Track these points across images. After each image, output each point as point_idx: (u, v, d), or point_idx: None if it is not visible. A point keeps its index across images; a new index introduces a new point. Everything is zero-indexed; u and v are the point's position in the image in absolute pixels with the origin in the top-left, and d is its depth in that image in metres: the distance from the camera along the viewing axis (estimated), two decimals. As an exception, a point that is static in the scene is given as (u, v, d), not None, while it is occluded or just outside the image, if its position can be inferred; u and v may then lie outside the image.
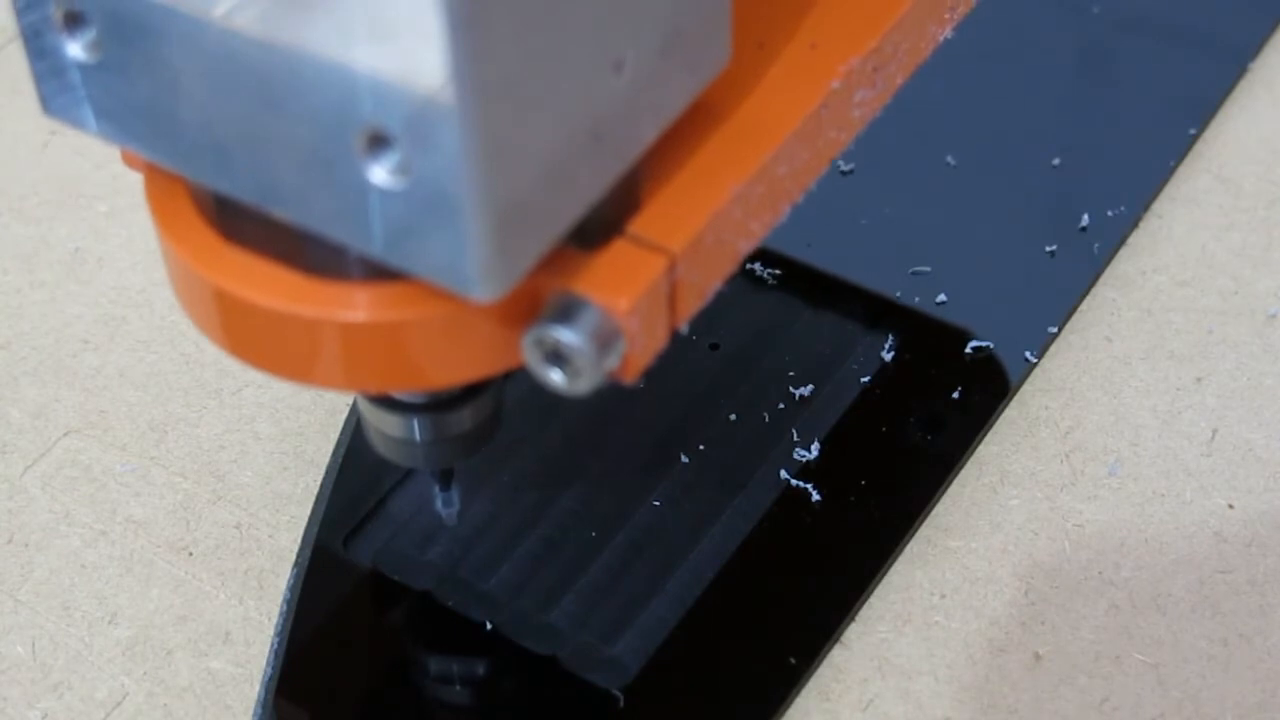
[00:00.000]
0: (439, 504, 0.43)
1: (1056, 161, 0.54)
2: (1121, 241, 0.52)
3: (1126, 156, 0.54)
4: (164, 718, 0.43)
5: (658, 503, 0.46)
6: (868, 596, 0.44)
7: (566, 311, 0.31)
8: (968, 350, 0.49)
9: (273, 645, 0.44)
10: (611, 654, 0.43)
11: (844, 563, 0.45)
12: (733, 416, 0.48)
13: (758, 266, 0.51)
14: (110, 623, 0.45)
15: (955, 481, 0.47)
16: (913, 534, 0.46)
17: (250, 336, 0.33)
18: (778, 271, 0.51)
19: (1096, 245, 0.52)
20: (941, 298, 0.50)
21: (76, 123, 0.34)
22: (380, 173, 0.29)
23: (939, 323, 0.50)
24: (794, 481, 0.46)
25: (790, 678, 0.43)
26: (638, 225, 0.32)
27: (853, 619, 0.44)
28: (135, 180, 0.57)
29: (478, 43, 0.27)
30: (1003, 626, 0.44)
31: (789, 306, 0.50)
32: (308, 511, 0.47)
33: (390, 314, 0.31)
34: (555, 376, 0.31)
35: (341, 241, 0.31)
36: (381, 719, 0.43)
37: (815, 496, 0.46)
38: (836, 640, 0.44)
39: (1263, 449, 0.47)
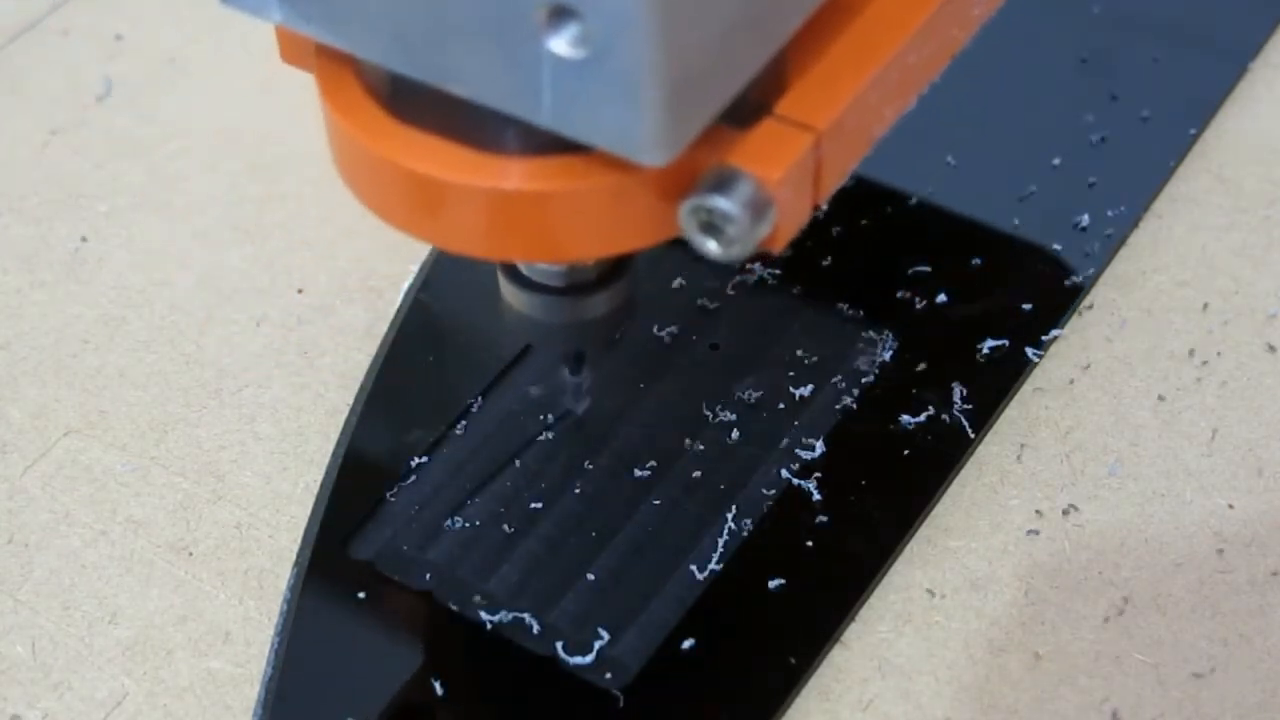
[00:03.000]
0: (570, 392, 0.46)
1: (1056, 161, 0.54)
2: (1121, 241, 0.52)
3: (1126, 156, 0.54)
4: (164, 718, 0.43)
5: (658, 502, 0.46)
6: (868, 596, 0.44)
7: (722, 182, 0.34)
8: (968, 350, 0.49)
9: (273, 645, 0.44)
10: (611, 654, 0.43)
11: (844, 563, 0.45)
12: (733, 416, 0.48)
13: (757, 266, 0.51)
14: (110, 623, 0.45)
15: (955, 481, 0.47)
16: (913, 534, 0.46)
17: (424, 210, 0.36)
18: (778, 271, 0.51)
19: (1096, 245, 0.52)
20: (942, 298, 0.50)
21: (255, 10, 0.36)
22: (561, 44, 0.31)
23: (939, 323, 0.50)
24: (795, 481, 0.46)
25: (790, 678, 0.43)
26: (784, 106, 0.35)
27: (853, 619, 0.44)
28: (135, 180, 0.57)
29: None
30: (1003, 626, 0.44)
31: (789, 306, 0.50)
32: (308, 511, 0.47)
33: (561, 184, 0.34)
34: (710, 245, 0.34)
35: (514, 114, 0.33)
36: (381, 719, 0.43)
37: (816, 496, 0.46)
38: (836, 640, 0.44)
39: (1263, 449, 0.47)
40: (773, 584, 0.44)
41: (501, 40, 0.32)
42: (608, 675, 0.43)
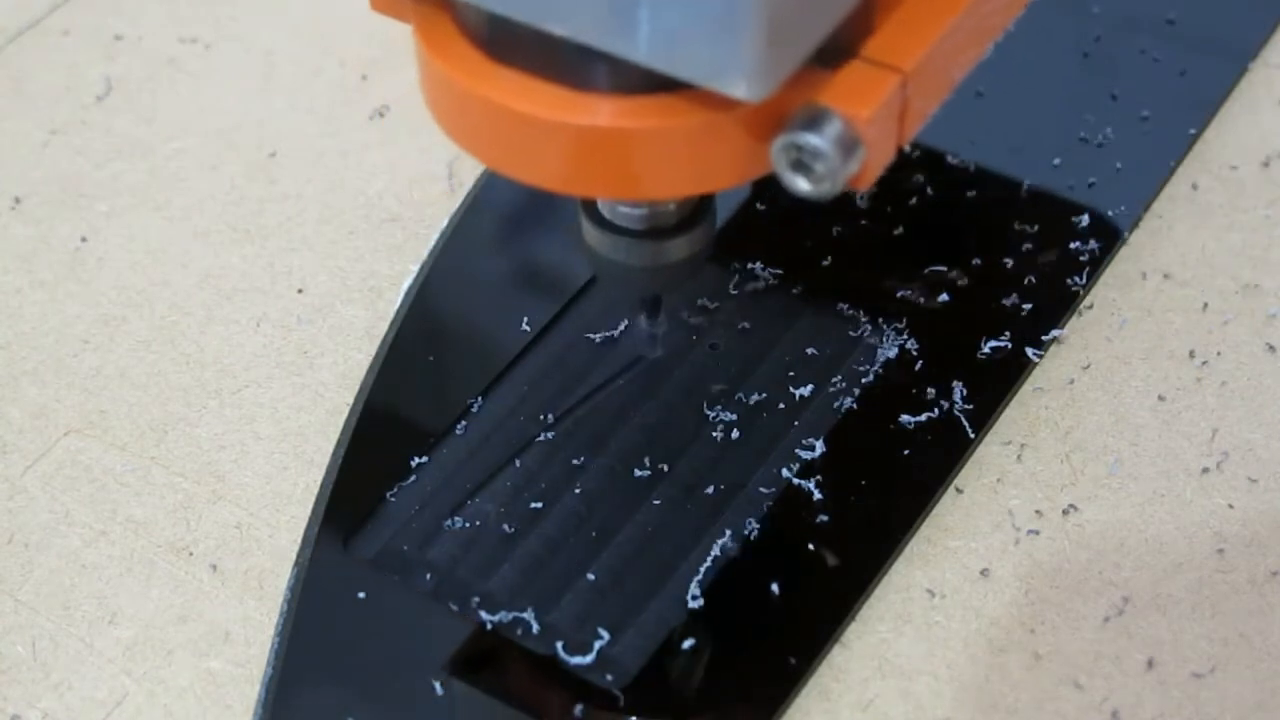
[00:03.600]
0: (644, 339, 0.48)
1: (1057, 161, 0.54)
2: (1122, 241, 0.52)
3: (1126, 156, 0.54)
4: (164, 718, 0.43)
5: (658, 502, 0.46)
6: (868, 596, 0.44)
7: (813, 120, 0.35)
8: (968, 350, 0.49)
9: (273, 645, 0.44)
10: (611, 654, 0.43)
11: (844, 563, 0.45)
12: (733, 416, 0.48)
13: (758, 267, 0.51)
14: (110, 623, 0.45)
15: (955, 481, 0.47)
16: (913, 534, 0.46)
17: (521, 149, 0.37)
18: (779, 271, 0.51)
19: (1096, 245, 0.52)
20: (943, 297, 0.50)
21: None
22: None
23: (940, 322, 0.50)
24: (795, 481, 0.46)
25: (790, 678, 0.43)
26: (870, 49, 0.36)
27: (853, 619, 0.44)
28: (135, 180, 0.57)
29: None
30: (1003, 626, 0.44)
31: (789, 306, 0.50)
32: (308, 511, 0.47)
33: (658, 121, 0.35)
34: (800, 183, 0.35)
35: (612, 51, 0.34)
36: (381, 719, 0.43)
37: (816, 496, 0.46)
38: (836, 640, 0.44)
39: (1263, 449, 0.47)
40: (773, 584, 0.44)
41: None
42: (608, 675, 0.43)
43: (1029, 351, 0.49)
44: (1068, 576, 0.45)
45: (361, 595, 0.45)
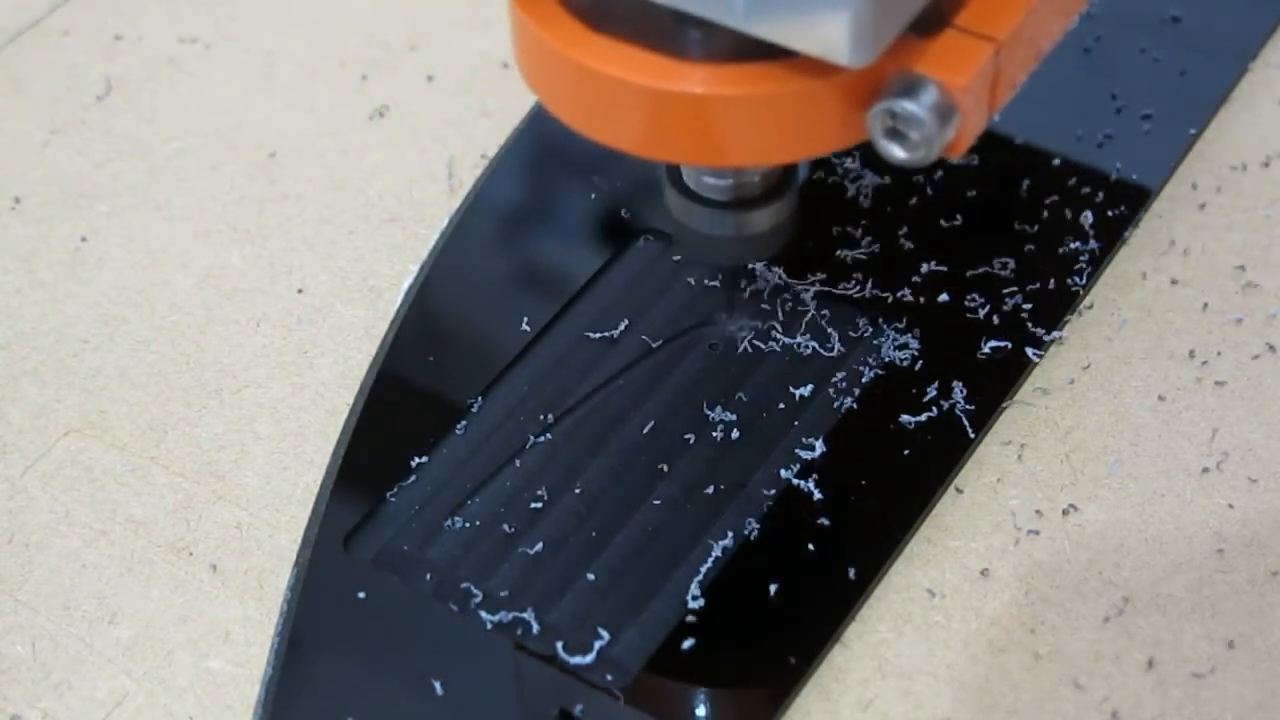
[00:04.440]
0: (723, 312, 0.49)
1: (1056, 162, 0.54)
2: (1122, 241, 0.52)
3: (1126, 156, 0.54)
4: (164, 718, 0.43)
5: (658, 502, 0.46)
6: (868, 597, 0.44)
7: (910, 88, 0.36)
8: (968, 350, 0.49)
9: (273, 645, 0.44)
10: (611, 654, 0.43)
11: (844, 563, 0.45)
12: (733, 416, 0.48)
13: (759, 267, 0.51)
14: (110, 623, 0.45)
15: (955, 481, 0.47)
16: (913, 534, 0.46)
17: (621, 116, 0.38)
18: (780, 270, 0.51)
19: (1097, 244, 0.52)
20: (943, 297, 0.50)
21: None
22: None
23: (940, 322, 0.50)
24: (795, 481, 0.46)
25: (790, 678, 0.43)
26: (964, 18, 0.37)
27: (853, 619, 0.44)
28: (135, 180, 0.57)
29: None
30: (1003, 626, 0.44)
31: (789, 306, 0.50)
32: (308, 511, 0.47)
33: (757, 88, 0.36)
34: (896, 150, 0.36)
35: (713, 18, 0.35)
36: (381, 719, 0.43)
37: (816, 496, 0.46)
38: (836, 640, 0.44)
39: (1263, 449, 0.47)
40: (773, 584, 0.44)
41: None
42: (608, 675, 0.43)
43: (1029, 351, 0.49)
44: (1068, 576, 0.45)
45: (361, 595, 0.45)
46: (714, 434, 0.48)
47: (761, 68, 0.36)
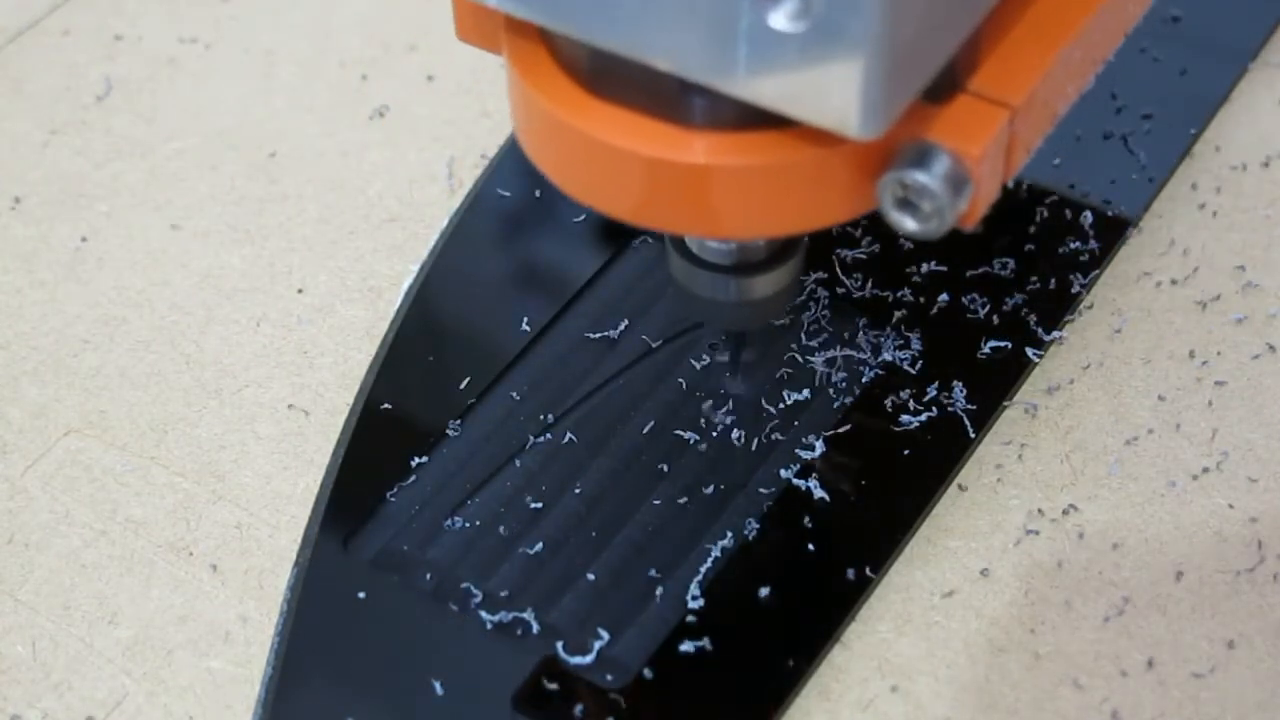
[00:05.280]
0: (728, 374, 0.48)
1: (1057, 161, 0.54)
2: (1122, 241, 0.52)
3: (1126, 156, 0.54)
4: (164, 718, 0.43)
5: (658, 502, 0.46)
6: (868, 597, 0.44)
7: (921, 157, 0.34)
8: (968, 350, 0.49)
9: (273, 645, 0.44)
10: (611, 654, 0.43)
11: (844, 563, 0.45)
12: (733, 416, 0.48)
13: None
14: (110, 623, 0.45)
15: (955, 481, 0.47)
16: (913, 534, 0.46)
17: (620, 187, 0.36)
18: (778, 271, 0.51)
19: (1097, 244, 0.52)
20: (943, 298, 0.50)
21: None
22: (779, 18, 0.31)
23: (940, 323, 0.50)
24: (794, 481, 0.46)
25: (790, 678, 0.43)
26: (977, 83, 0.35)
27: (853, 619, 0.44)
28: (135, 180, 0.57)
29: None
30: (1003, 626, 0.44)
31: (789, 306, 0.50)
32: (308, 511, 0.47)
33: (762, 158, 0.35)
34: (908, 222, 0.35)
35: (718, 88, 0.33)
36: (381, 719, 0.43)
37: (816, 496, 0.46)
38: (836, 640, 0.44)
39: (1263, 449, 0.47)
40: (772, 584, 0.44)
41: (713, 12, 0.32)
42: (608, 675, 0.43)
43: (1029, 351, 0.49)
44: (1068, 576, 0.45)
45: (361, 595, 0.45)
46: (714, 434, 0.48)
47: (766, 136, 0.35)
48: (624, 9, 0.33)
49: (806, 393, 0.48)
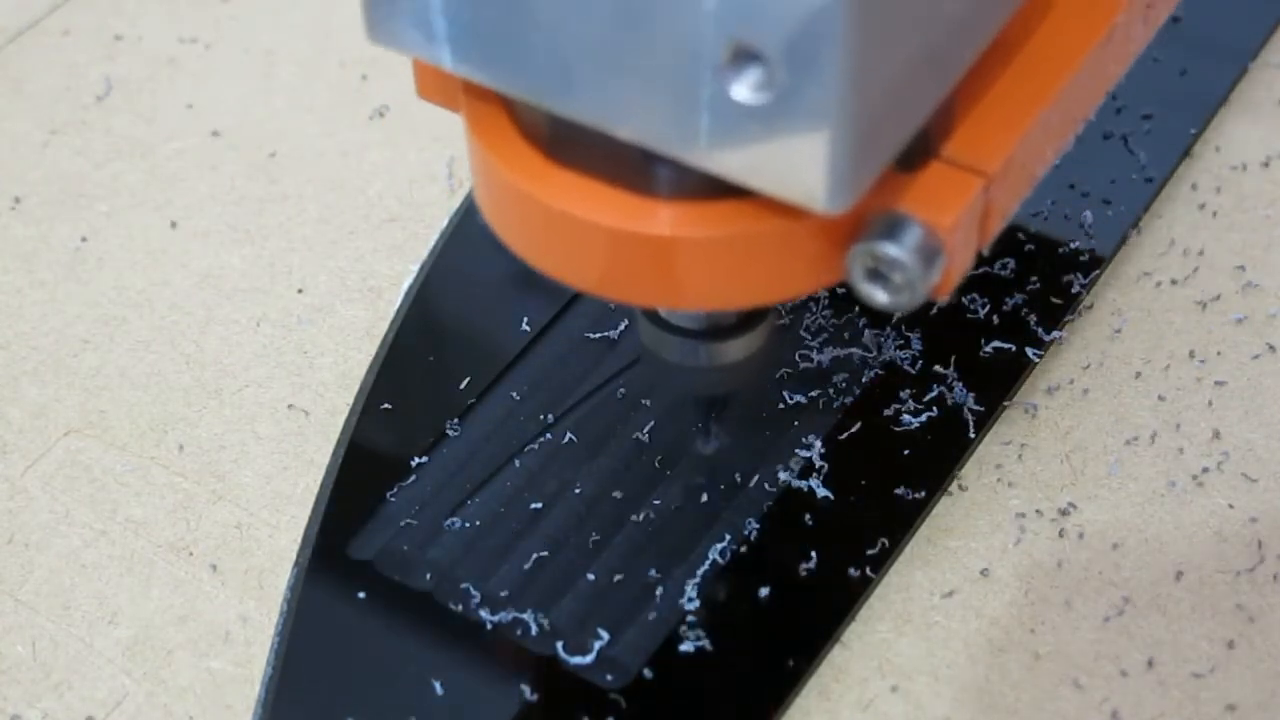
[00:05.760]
0: (699, 438, 0.46)
1: (1057, 161, 0.54)
2: (1122, 241, 0.52)
3: (1127, 156, 0.54)
4: (164, 718, 0.43)
5: (658, 502, 0.46)
6: (868, 597, 0.44)
7: (892, 229, 0.33)
8: (968, 350, 0.49)
9: (273, 645, 0.44)
10: (611, 654, 0.43)
11: (844, 563, 0.45)
12: (733, 416, 0.48)
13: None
14: (110, 623, 0.45)
15: (955, 481, 0.47)
16: (913, 534, 0.46)
17: (580, 257, 0.35)
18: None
19: (1096, 245, 0.52)
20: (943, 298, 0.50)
21: (407, 47, 0.34)
22: (742, 90, 0.30)
23: (940, 323, 0.50)
24: (795, 481, 0.46)
25: (790, 678, 0.43)
26: (951, 149, 0.34)
27: (853, 619, 0.44)
28: (135, 180, 0.57)
29: None
30: (1003, 626, 0.44)
31: (789, 307, 0.50)
32: (308, 511, 0.47)
33: (725, 229, 0.33)
34: (878, 294, 0.33)
35: (680, 158, 0.32)
36: (381, 719, 0.43)
37: (816, 496, 0.46)
38: (836, 640, 0.44)
39: (1263, 449, 0.47)
40: (772, 585, 0.44)
41: (675, 82, 0.31)
42: (608, 675, 0.43)
43: (1029, 351, 0.49)
44: (1068, 576, 0.45)
45: (361, 595, 0.45)
46: (714, 434, 0.48)
47: (731, 206, 0.33)
48: (583, 76, 0.32)
49: (807, 392, 0.48)
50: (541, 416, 0.48)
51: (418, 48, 0.34)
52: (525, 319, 0.51)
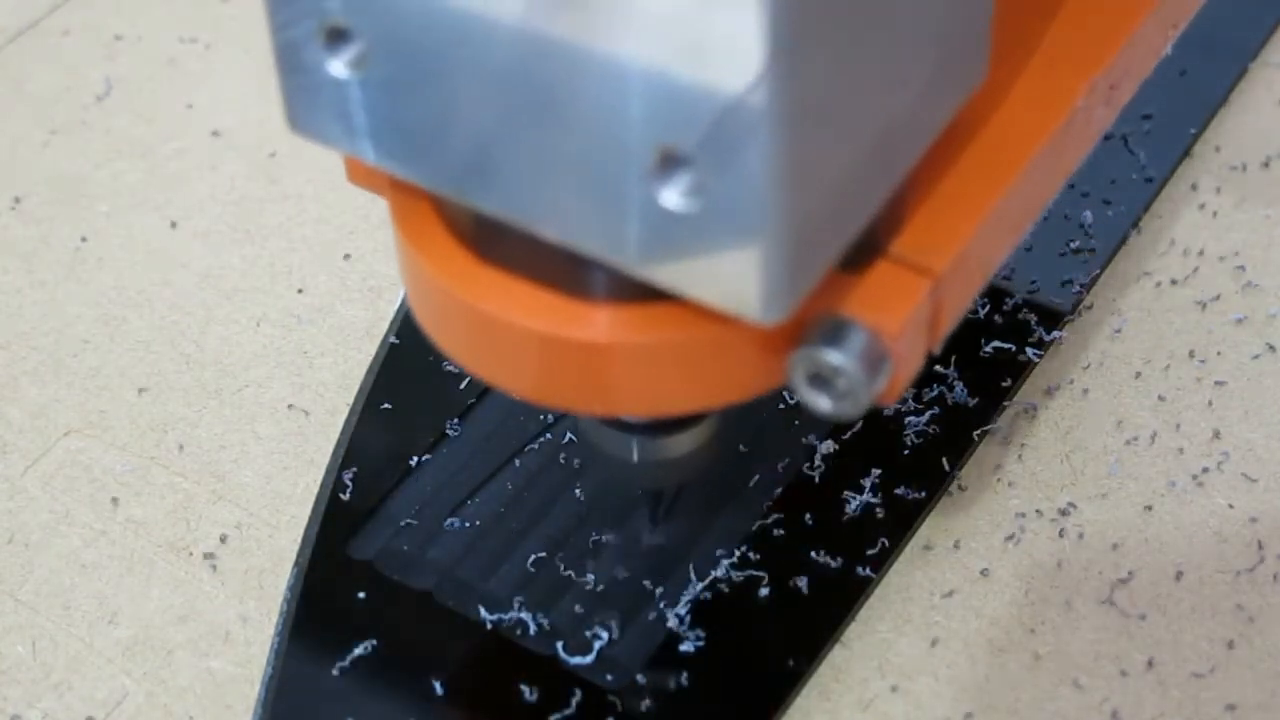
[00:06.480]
0: (646, 529, 0.44)
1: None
2: (1122, 241, 0.52)
3: (1127, 156, 0.54)
4: (164, 718, 0.43)
5: (658, 502, 0.46)
6: (868, 597, 0.44)
7: (834, 334, 0.31)
8: (969, 350, 0.49)
9: (273, 645, 0.44)
10: (611, 654, 0.43)
11: (844, 563, 0.45)
12: (733, 416, 0.48)
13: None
14: (110, 623, 0.45)
15: (955, 481, 0.47)
16: (913, 534, 0.46)
17: (505, 359, 0.33)
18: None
19: (1097, 245, 0.52)
20: (941, 298, 0.50)
21: (328, 140, 0.33)
22: (671, 196, 0.28)
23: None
24: (794, 481, 0.46)
25: (790, 678, 0.43)
26: (899, 245, 0.32)
27: (853, 619, 0.44)
28: (135, 180, 0.57)
29: (795, 59, 0.26)
30: (1003, 626, 0.44)
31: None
32: (308, 511, 0.47)
33: (657, 335, 0.31)
34: (821, 401, 0.31)
35: (608, 262, 0.30)
36: (381, 719, 0.43)
37: (815, 495, 0.46)
38: (836, 640, 0.44)
39: (1263, 449, 0.47)
40: (773, 584, 0.44)
41: (601, 185, 0.29)
42: (608, 675, 0.43)
43: (1029, 351, 0.49)
44: (1068, 576, 0.45)
45: (361, 595, 0.45)
46: (714, 434, 0.48)
47: (667, 310, 0.31)
48: (507, 174, 0.30)
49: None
50: (541, 416, 0.48)
51: (339, 141, 0.32)
52: (525, 319, 0.51)
